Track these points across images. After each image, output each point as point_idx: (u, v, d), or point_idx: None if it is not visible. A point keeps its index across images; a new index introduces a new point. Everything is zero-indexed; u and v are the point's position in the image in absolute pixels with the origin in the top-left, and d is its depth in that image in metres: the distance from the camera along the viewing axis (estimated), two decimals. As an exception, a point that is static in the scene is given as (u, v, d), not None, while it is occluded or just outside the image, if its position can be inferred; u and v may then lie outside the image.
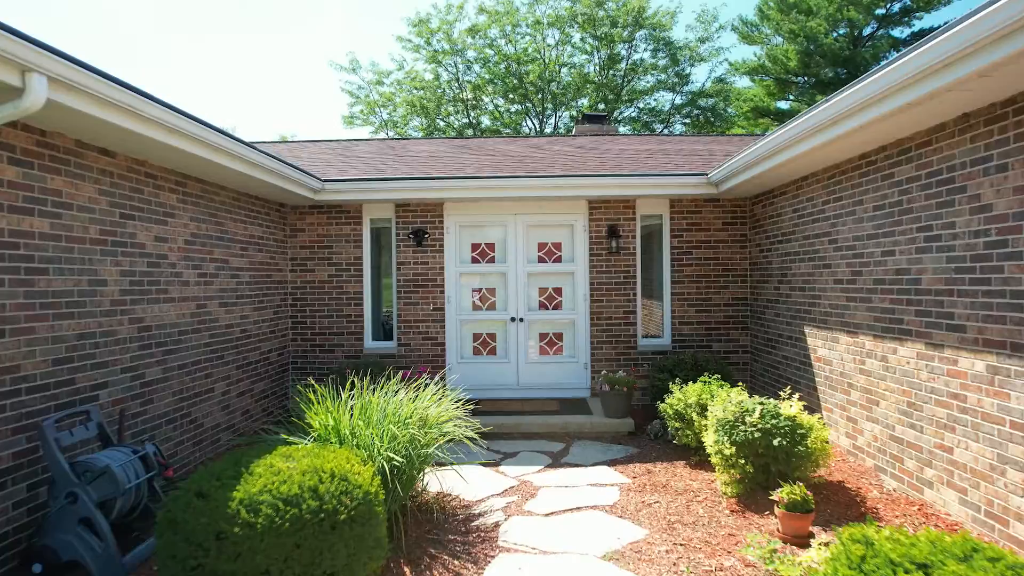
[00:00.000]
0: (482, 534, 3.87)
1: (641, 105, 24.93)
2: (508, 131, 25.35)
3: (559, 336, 7.58)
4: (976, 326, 3.56)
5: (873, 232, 4.67)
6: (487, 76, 23.91)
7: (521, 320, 7.52)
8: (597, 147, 9.42)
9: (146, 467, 3.67)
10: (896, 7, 25.71)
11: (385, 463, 3.50)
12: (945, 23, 2.47)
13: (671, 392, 5.50)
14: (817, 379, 5.61)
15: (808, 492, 3.68)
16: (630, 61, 24.07)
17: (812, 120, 4.38)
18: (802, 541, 3.53)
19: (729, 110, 25.18)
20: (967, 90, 3.16)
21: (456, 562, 3.49)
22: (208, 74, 56.81)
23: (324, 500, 2.83)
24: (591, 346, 7.37)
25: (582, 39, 24.02)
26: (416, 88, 24.10)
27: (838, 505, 4.14)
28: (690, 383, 5.42)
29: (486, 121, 26.01)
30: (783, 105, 27.06)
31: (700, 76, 34.21)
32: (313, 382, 4.74)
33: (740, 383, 5.28)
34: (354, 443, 3.66)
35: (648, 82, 24.59)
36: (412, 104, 23.84)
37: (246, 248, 6.31)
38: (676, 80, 24.22)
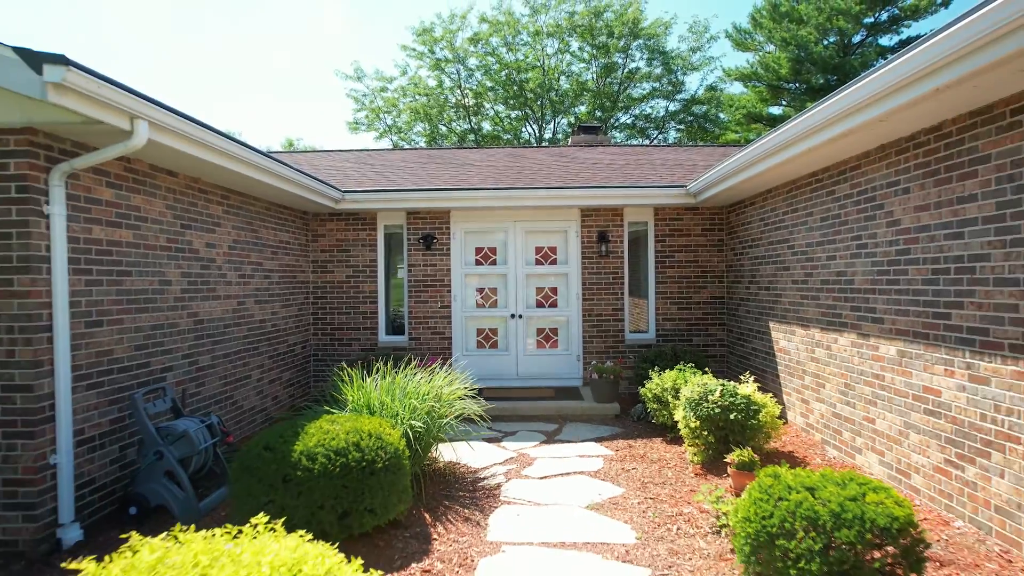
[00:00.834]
0: (487, 492, 4.67)
1: (636, 112, 25.79)
2: (508, 136, 26.19)
3: (554, 331, 8.38)
4: (890, 318, 4.37)
5: (820, 240, 5.47)
6: (488, 83, 24.76)
7: (520, 317, 8.33)
8: (590, 157, 10.22)
9: (211, 434, 4.47)
10: (884, 16, 26.51)
11: (409, 429, 4.31)
12: (930, 31, 3.17)
13: (652, 379, 6.30)
14: (779, 367, 6.41)
15: (755, 455, 4.47)
16: (626, 70, 24.93)
17: (768, 144, 5.19)
18: (748, 494, 4.33)
19: (721, 115, 25.99)
20: (871, 131, 3.96)
21: (466, 511, 4.29)
22: (214, 78, 57.65)
23: (365, 452, 3.63)
24: (583, 340, 8.18)
25: (580, 48, 24.91)
26: (419, 95, 24.95)
27: (785, 469, 4.93)
28: (668, 371, 6.22)
29: (487, 126, 26.85)
30: (775, 111, 27.87)
31: (693, 84, 35.06)
32: (346, 366, 5.54)
33: (707, 370, 6.07)
34: (382, 413, 4.46)
35: (643, 90, 25.45)
36: (416, 111, 24.69)
37: (276, 252, 7.12)
38: (670, 88, 25.06)
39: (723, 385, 5.08)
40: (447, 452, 5.40)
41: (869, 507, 2.75)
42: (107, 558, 1.82)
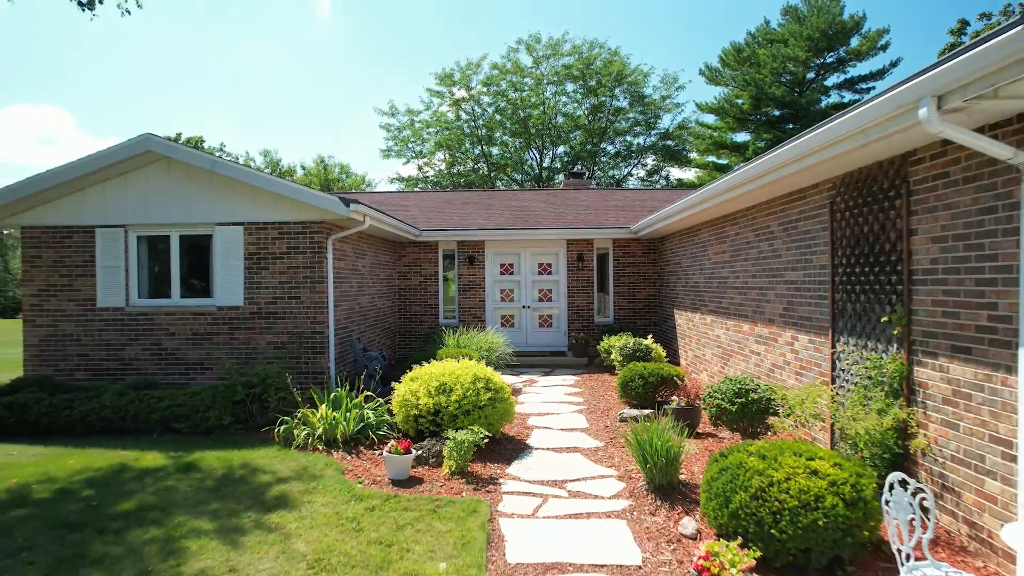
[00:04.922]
0: (514, 391, 9.41)
1: (620, 142, 30.65)
2: (514, 161, 31.06)
3: (550, 316, 13.13)
4: (712, 303, 9.11)
5: (690, 264, 10.23)
6: (498, 118, 29.58)
7: (528, 307, 13.07)
8: (575, 201, 14.99)
9: (384, 359, 9.22)
10: (831, 58, 31.25)
11: (480, 357, 9.08)
12: (870, 72, 7.34)
13: (604, 341, 11.06)
14: (678, 334, 11.16)
15: (646, 371, 9.23)
16: (612, 107, 29.79)
17: (660, 214, 9.92)
18: (641, 388, 9.08)
19: (690, 140, 30.83)
20: (695, 217, 8.74)
21: (506, 396, 9.05)
22: (259, 105, 62.44)
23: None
24: (568, 322, 12.93)
25: (574, 91, 29.77)
26: (441, 128, 29.85)
27: (666, 382, 9.68)
28: (613, 336, 10.99)
29: (495, 151, 31.70)
30: (741, 138, 32.69)
31: (667, 121, 40.13)
32: (443, 328, 10.31)
33: (630, 333, 10.86)
34: (467, 348, 9.24)
35: (626, 123, 30.33)
36: (439, 143, 29.57)
37: (383, 268, 11.88)
38: (647, 124, 29.92)
39: (636, 339, 9.84)
40: (492, 377, 10.17)
41: (662, 370, 7.50)
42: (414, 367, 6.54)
